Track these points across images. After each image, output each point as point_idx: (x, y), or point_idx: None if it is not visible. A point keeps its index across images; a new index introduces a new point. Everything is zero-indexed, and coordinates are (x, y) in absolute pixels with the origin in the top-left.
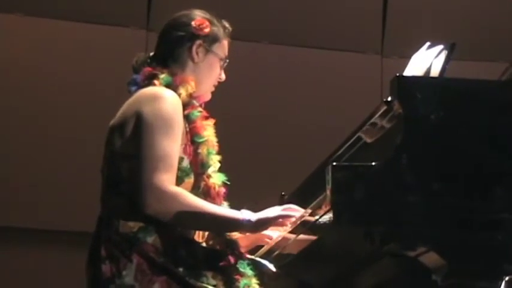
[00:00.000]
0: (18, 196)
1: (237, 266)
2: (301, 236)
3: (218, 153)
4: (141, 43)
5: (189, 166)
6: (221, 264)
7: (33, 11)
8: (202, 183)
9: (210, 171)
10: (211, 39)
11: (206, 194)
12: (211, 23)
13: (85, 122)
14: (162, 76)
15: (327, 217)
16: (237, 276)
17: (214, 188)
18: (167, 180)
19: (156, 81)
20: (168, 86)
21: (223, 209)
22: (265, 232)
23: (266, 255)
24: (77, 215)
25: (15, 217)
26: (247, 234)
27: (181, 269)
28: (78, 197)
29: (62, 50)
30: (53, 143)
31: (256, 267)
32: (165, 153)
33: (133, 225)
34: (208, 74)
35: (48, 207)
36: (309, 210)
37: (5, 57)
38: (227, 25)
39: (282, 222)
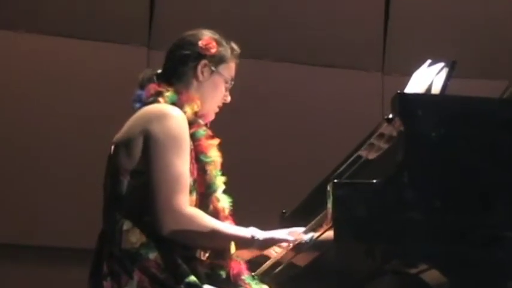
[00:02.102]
0: (17, 213)
1: (242, 277)
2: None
3: (223, 174)
4: (142, 60)
5: (192, 184)
6: (223, 278)
7: (34, 28)
8: (211, 206)
9: (218, 193)
10: (218, 60)
11: (215, 216)
12: (218, 43)
13: (85, 138)
14: (168, 94)
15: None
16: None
17: (224, 211)
18: (183, 201)
19: (161, 99)
20: (173, 103)
21: (234, 228)
22: None
23: (268, 272)
24: (77, 231)
25: (15, 234)
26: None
27: (182, 286)
28: (78, 214)
29: (62, 66)
30: (53, 159)
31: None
32: (179, 173)
33: (136, 241)
34: (212, 93)
35: (48, 224)
36: (316, 235)
37: (6, 74)
38: (235, 47)
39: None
